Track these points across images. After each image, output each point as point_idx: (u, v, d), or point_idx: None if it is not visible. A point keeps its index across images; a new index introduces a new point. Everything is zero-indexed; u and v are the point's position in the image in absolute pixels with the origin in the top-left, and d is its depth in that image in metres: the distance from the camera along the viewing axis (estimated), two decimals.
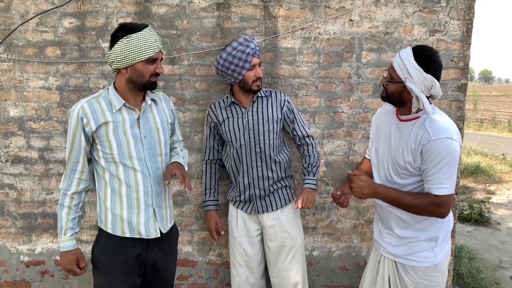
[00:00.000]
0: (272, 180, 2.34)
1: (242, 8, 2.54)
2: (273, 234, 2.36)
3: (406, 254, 1.87)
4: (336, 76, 2.60)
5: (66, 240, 1.86)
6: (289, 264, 2.37)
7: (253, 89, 2.25)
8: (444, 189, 1.71)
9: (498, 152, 9.85)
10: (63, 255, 1.87)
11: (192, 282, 2.77)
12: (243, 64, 2.18)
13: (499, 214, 5.54)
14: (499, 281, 3.58)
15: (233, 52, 2.18)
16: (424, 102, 1.70)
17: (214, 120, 2.38)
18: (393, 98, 1.82)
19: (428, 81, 1.71)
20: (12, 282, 2.76)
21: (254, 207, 2.36)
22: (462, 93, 2.60)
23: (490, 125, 16.35)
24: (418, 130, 1.76)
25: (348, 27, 2.55)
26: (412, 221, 1.85)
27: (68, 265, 1.87)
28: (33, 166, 2.67)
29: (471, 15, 2.54)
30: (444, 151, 1.68)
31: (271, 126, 2.30)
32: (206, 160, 2.49)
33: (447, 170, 1.70)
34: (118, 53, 1.75)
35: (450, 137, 1.69)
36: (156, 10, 2.53)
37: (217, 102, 2.40)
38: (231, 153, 2.35)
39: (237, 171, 2.36)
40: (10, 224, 2.72)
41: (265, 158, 2.31)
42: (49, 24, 2.55)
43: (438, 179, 1.71)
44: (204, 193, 2.50)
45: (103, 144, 1.82)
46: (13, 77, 2.60)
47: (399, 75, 1.75)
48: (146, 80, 1.81)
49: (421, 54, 1.73)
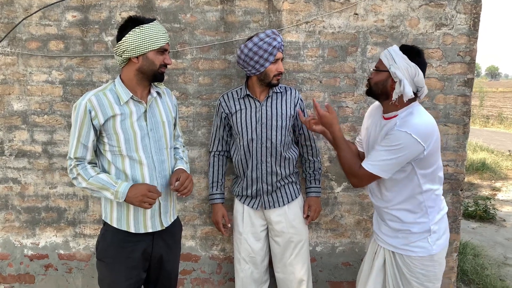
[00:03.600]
0: (280, 176, 2.33)
1: (246, 2, 2.51)
2: (279, 229, 2.35)
3: (403, 244, 1.93)
4: (340, 71, 2.58)
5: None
6: (294, 260, 2.37)
7: (273, 83, 2.24)
8: (369, 166, 1.82)
9: (504, 148, 9.78)
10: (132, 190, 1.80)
11: (195, 276, 2.78)
12: (268, 57, 2.17)
13: (504, 211, 5.50)
14: (504, 278, 3.55)
15: (260, 43, 2.16)
16: (405, 85, 1.77)
17: (226, 111, 2.35)
18: (376, 89, 1.89)
19: (412, 68, 1.78)
20: (16, 275, 2.78)
21: (261, 202, 2.35)
22: (468, 88, 2.57)
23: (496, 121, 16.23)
24: (392, 125, 1.84)
25: (353, 21, 2.52)
26: (403, 217, 1.92)
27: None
28: (36, 160, 2.68)
29: (478, 8, 2.50)
30: (396, 140, 1.76)
31: (284, 122, 2.30)
32: (214, 151, 2.46)
33: (386, 154, 1.79)
34: (131, 41, 1.75)
35: (410, 133, 1.74)
36: (160, 3, 2.52)
37: (230, 93, 2.38)
38: (241, 146, 2.32)
39: (246, 165, 2.34)
40: (14, 218, 2.74)
41: (275, 154, 2.29)
42: (52, 17, 2.54)
43: (373, 156, 1.83)
44: (211, 186, 2.47)
45: (110, 137, 1.82)
46: (17, 71, 2.60)
47: (385, 64, 1.83)
48: (156, 69, 1.82)
49: (407, 47, 1.84)
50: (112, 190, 1.79)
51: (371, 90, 1.91)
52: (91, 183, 1.80)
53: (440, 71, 2.55)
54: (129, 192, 1.78)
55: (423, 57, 1.84)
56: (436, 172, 1.89)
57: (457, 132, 2.60)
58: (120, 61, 1.83)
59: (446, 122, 2.59)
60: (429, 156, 1.81)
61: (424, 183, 1.86)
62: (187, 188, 1.89)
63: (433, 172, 1.87)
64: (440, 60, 2.54)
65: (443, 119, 2.58)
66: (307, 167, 2.46)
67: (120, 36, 1.79)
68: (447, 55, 2.53)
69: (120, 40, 1.78)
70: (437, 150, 1.85)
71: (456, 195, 2.66)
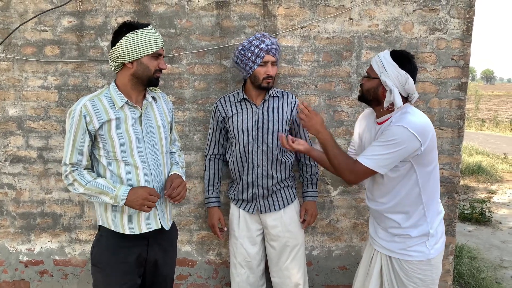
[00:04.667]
0: (276, 180, 2.33)
1: (241, 7, 2.53)
2: (275, 234, 2.35)
3: (400, 249, 1.92)
4: (335, 75, 2.59)
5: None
6: (290, 264, 2.36)
7: (262, 86, 2.23)
8: (366, 160, 1.81)
9: (500, 151, 9.83)
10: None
11: (191, 281, 2.77)
12: (255, 59, 2.18)
13: (500, 213, 5.52)
14: (500, 281, 3.56)
15: (248, 45, 2.19)
16: (395, 94, 1.78)
17: (223, 114, 2.35)
18: (368, 96, 1.90)
19: (402, 76, 1.79)
20: (11, 282, 2.76)
21: (257, 206, 2.35)
22: (463, 92, 2.59)
23: (491, 124, 16.32)
24: (387, 124, 1.85)
25: (347, 25, 2.54)
26: (401, 221, 1.90)
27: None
28: (32, 166, 2.67)
29: (471, 13, 2.52)
30: (392, 135, 1.76)
31: (281, 126, 2.30)
32: (210, 155, 2.46)
33: (382, 149, 1.78)
34: (125, 46, 1.75)
35: (407, 127, 1.75)
36: (155, 9, 2.53)
37: (226, 96, 2.38)
38: (237, 149, 2.32)
39: (242, 168, 2.34)
40: (9, 223, 2.72)
41: (271, 157, 2.30)
42: (48, 23, 2.54)
43: (369, 151, 1.82)
44: (207, 190, 2.46)
45: (105, 142, 1.81)
46: (12, 77, 2.59)
47: (375, 71, 1.84)
48: (151, 74, 1.82)
49: (397, 53, 1.85)
50: (111, 194, 1.78)
51: (363, 96, 1.92)
52: (88, 188, 1.79)
53: (435, 75, 2.57)
54: (129, 196, 1.78)
55: (414, 62, 1.85)
56: (435, 171, 1.89)
57: (452, 135, 2.62)
58: (114, 67, 1.83)
59: (441, 125, 2.60)
60: (427, 153, 1.81)
61: (423, 183, 1.85)
62: (179, 194, 1.89)
63: (432, 172, 1.87)
64: (434, 64, 2.55)
65: (437, 122, 2.59)
66: (304, 171, 2.46)
67: (114, 41, 1.79)
68: (441, 59, 2.55)
69: (114, 46, 1.78)
70: (434, 149, 1.86)
71: (451, 198, 2.67)
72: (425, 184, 1.86)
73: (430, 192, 1.89)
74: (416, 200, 1.88)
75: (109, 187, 1.79)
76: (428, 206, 1.89)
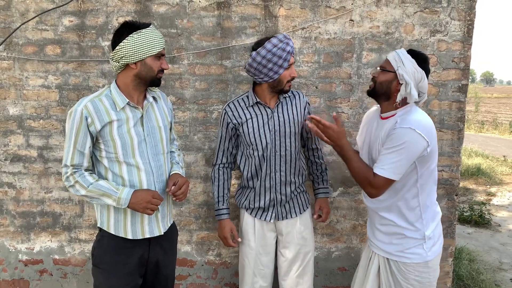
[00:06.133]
0: (295, 185, 2.24)
1: (243, 8, 2.53)
2: (289, 241, 2.26)
3: (397, 251, 1.92)
4: (336, 76, 2.59)
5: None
6: (302, 271, 2.29)
7: (285, 89, 2.12)
8: (383, 170, 1.79)
9: (499, 153, 9.82)
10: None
11: (190, 282, 2.77)
12: (282, 63, 2.03)
13: (499, 216, 5.52)
14: (499, 283, 3.56)
15: (273, 49, 2.01)
16: (412, 88, 1.79)
17: (234, 121, 2.19)
18: (380, 89, 1.89)
19: (418, 73, 1.81)
20: (10, 280, 2.76)
21: (275, 213, 2.24)
22: (463, 94, 2.59)
23: (491, 127, 16.31)
24: (391, 123, 1.85)
25: (348, 27, 2.54)
26: (397, 220, 1.91)
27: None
28: (32, 165, 2.67)
29: (472, 15, 2.53)
30: (401, 139, 1.76)
31: (297, 128, 2.20)
32: (218, 164, 2.30)
33: (395, 156, 1.77)
34: (129, 47, 1.74)
35: (414, 128, 1.75)
36: (156, 9, 2.53)
37: (235, 101, 2.22)
38: (254, 156, 2.19)
39: (257, 175, 2.21)
40: (9, 222, 2.72)
41: (290, 162, 2.19)
42: (49, 22, 2.54)
43: (383, 161, 1.80)
44: (217, 201, 2.29)
45: (107, 144, 1.80)
46: (13, 76, 2.59)
47: (392, 65, 1.85)
48: (154, 74, 1.81)
49: (415, 52, 1.87)
50: (114, 196, 1.77)
51: (375, 90, 1.91)
52: (91, 190, 1.77)
53: (435, 77, 2.57)
54: (132, 198, 1.77)
55: (428, 64, 1.87)
56: (434, 173, 1.90)
57: (451, 137, 2.62)
58: (116, 67, 1.81)
59: (441, 127, 2.60)
60: (431, 154, 1.81)
61: (421, 184, 1.86)
62: (183, 193, 1.89)
63: (431, 173, 1.87)
64: (435, 66, 2.56)
65: (438, 124, 2.59)
66: (315, 169, 2.40)
67: (115, 42, 1.77)
68: (441, 61, 2.56)
69: (116, 46, 1.76)
70: (436, 149, 1.87)
71: (451, 200, 2.67)
72: (424, 185, 1.87)
73: (428, 193, 1.90)
74: (413, 200, 1.88)
75: (111, 189, 1.78)
76: (424, 207, 1.89)
